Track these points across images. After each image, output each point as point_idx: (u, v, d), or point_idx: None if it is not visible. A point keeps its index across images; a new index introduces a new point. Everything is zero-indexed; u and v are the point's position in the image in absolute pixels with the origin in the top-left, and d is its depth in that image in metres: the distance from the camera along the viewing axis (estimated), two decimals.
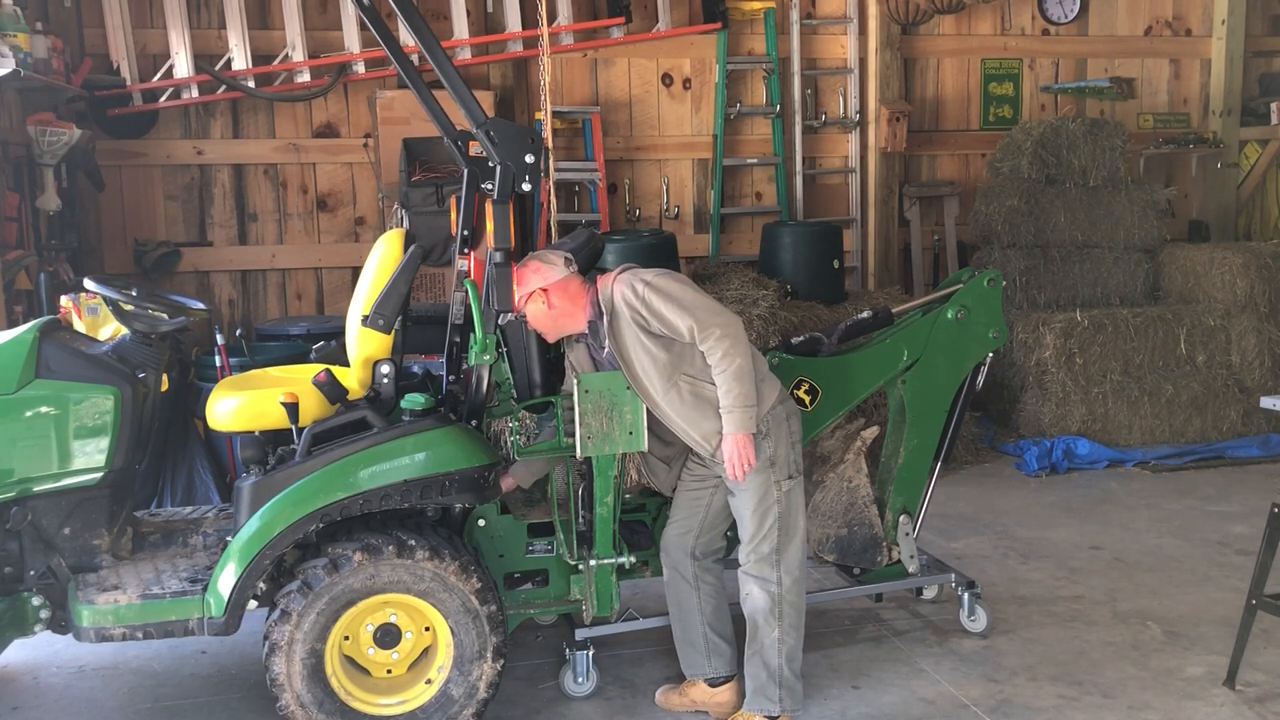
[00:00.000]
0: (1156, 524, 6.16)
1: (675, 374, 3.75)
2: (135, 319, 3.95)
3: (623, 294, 3.76)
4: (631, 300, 3.74)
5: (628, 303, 3.75)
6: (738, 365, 3.67)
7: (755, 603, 3.86)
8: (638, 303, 3.73)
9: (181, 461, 6.02)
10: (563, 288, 3.86)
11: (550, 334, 3.96)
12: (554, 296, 3.85)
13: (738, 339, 3.69)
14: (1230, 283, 7.78)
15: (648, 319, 3.73)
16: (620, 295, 3.77)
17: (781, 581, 3.84)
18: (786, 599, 3.84)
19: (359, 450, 3.73)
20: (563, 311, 3.87)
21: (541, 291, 3.84)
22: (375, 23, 3.95)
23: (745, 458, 3.72)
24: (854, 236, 8.69)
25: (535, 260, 3.88)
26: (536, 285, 3.84)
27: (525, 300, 3.86)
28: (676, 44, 8.17)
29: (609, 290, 3.81)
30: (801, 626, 3.90)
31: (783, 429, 3.86)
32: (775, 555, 3.83)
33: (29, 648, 4.57)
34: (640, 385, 3.79)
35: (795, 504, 3.88)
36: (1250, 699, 4.12)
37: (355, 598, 3.70)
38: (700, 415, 3.77)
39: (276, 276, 7.82)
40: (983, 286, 4.56)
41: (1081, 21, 9.01)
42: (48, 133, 6.20)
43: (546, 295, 3.84)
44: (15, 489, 3.72)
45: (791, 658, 3.87)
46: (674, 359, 3.75)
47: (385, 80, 7.58)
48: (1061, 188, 8.05)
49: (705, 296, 3.78)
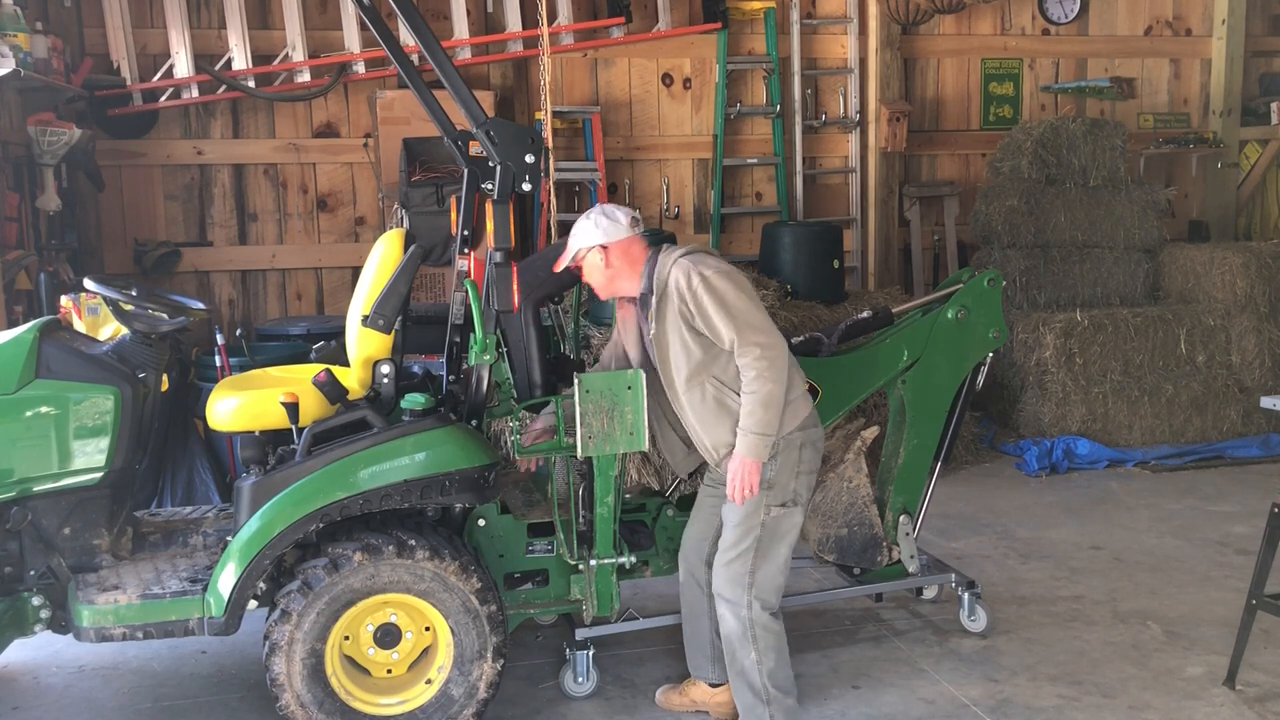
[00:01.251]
0: (1156, 524, 6.16)
1: (704, 374, 3.68)
2: (135, 319, 3.95)
3: (677, 280, 3.65)
4: (683, 290, 3.63)
5: (679, 290, 3.64)
6: (768, 391, 3.57)
7: (728, 626, 3.76)
8: (688, 294, 3.62)
9: (181, 461, 6.02)
10: (624, 249, 3.76)
11: (603, 292, 3.86)
12: (613, 256, 3.75)
13: (776, 363, 3.58)
14: (1230, 283, 7.78)
15: (693, 314, 3.63)
16: (675, 280, 3.66)
17: (751, 605, 3.70)
18: (758, 622, 3.71)
19: (359, 450, 3.73)
20: (619, 273, 3.77)
21: (601, 249, 3.74)
22: (375, 23, 3.95)
23: (748, 483, 3.62)
24: (854, 236, 8.69)
25: (602, 214, 3.77)
26: (598, 241, 3.74)
27: (585, 252, 3.76)
28: (676, 44, 8.17)
29: (667, 270, 3.70)
30: (781, 646, 3.76)
31: (792, 455, 3.72)
32: (748, 577, 3.70)
33: (29, 648, 4.57)
34: (667, 372, 3.74)
35: (781, 531, 3.73)
36: (1250, 699, 4.12)
37: (355, 598, 3.70)
38: (716, 422, 3.69)
39: (276, 276, 7.82)
40: (983, 286, 4.56)
41: (1081, 21, 9.02)
42: (48, 133, 6.20)
43: (606, 253, 3.74)
44: (15, 489, 3.72)
45: (774, 676, 3.74)
46: (708, 359, 3.67)
47: (385, 80, 7.58)
48: (1061, 188, 8.05)
49: (757, 309, 3.65)
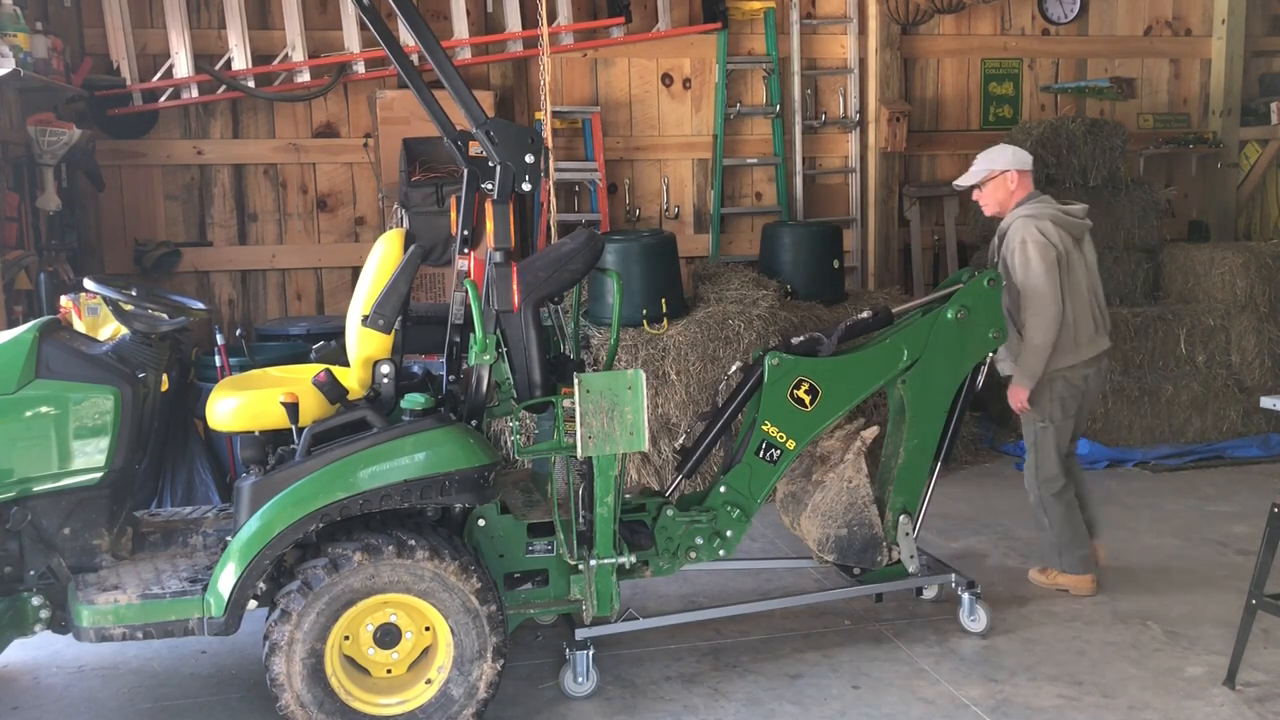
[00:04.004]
0: (1156, 524, 6.16)
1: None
2: (135, 319, 3.95)
3: (1016, 224, 4.81)
4: (1012, 237, 4.79)
5: (1010, 235, 4.82)
6: (1037, 343, 4.78)
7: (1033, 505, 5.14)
8: (1016, 242, 4.76)
9: (181, 461, 6.02)
10: (1024, 180, 4.95)
11: (993, 209, 4.99)
12: (1016, 183, 4.92)
13: (1046, 320, 4.74)
14: (1230, 283, 7.78)
15: (1007, 257, 4.79)
16: (1016, 224, 4.81)
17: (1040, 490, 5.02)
18: (1045, 504, 5.03)
19: (359, 450, 3.73)
20: (1013, 198, 4.93)
21: (1019, 174, 4.90)
22: (375, 23, 3.95)
23: (1017, 401, 4.93)
24: (854, 236, 8.69)
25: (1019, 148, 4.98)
26: (1018, 167, 4.91)
27: (998, 174, 4.90)
28: (676, 44, 8.17)
29: (1017, 215, 4.85)
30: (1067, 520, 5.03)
31: (1050, 387, 4.91)
32: (1033, 473, 5.04)
33: (29, 648, 4.57)
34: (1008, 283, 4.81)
35: (1045, 442, 4.97)
36: (1250, 699, 4.12)
37: (355, 598, 3.71)
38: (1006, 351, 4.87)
39: (276, 276, 7.82)
40: (983, 286, 4.56)
41: (1081, 21, 9.01)
42: (48, 133, 6.19)
43: (1021, 179, 4.92)
44: (15, 489, 3.72)
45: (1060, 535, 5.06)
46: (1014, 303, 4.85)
47: (385, 80, 7.58)
48: (1061, 188, 8.04)
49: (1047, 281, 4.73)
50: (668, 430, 6.55)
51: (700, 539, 4.39)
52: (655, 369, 6.45)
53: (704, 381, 6.49)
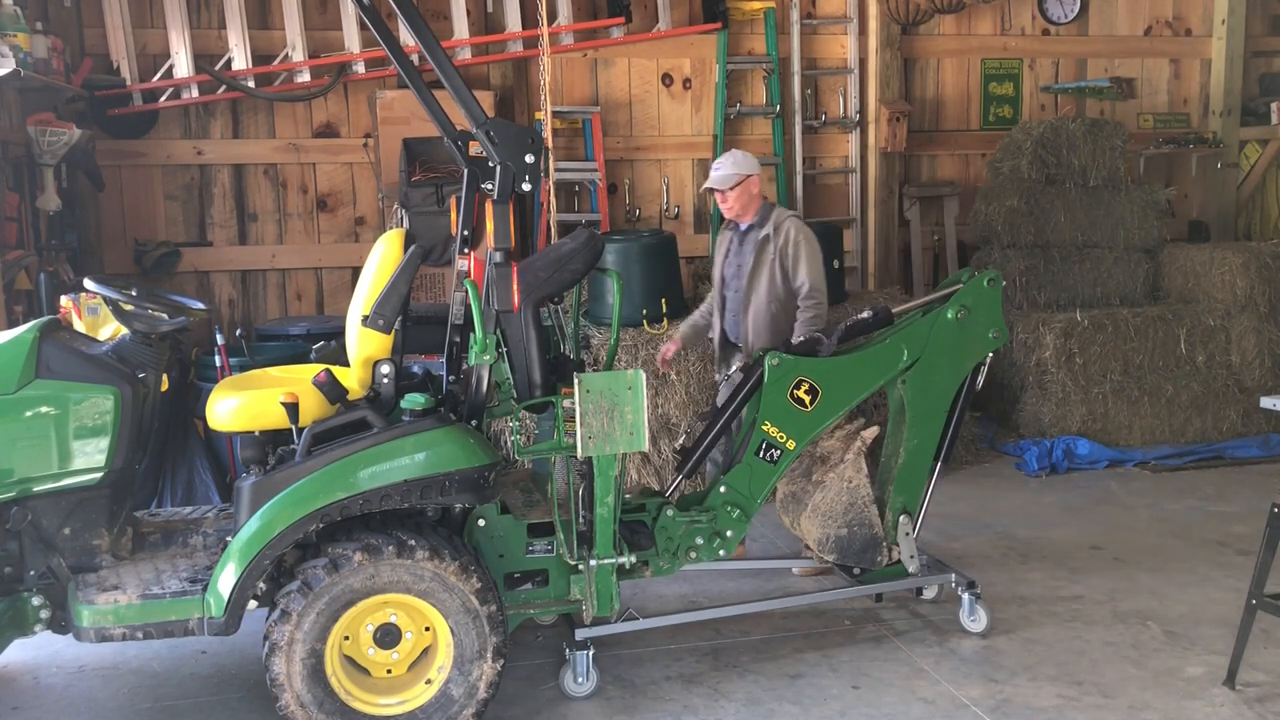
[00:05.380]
0: (1156, 524, 6.16)
1: (771, 299, 5.12)
2: (135, 319, 3.95)
3: (789, 227, 5.11)
4: (793, 236, 5.10)
5: (789, 234, 5.10)
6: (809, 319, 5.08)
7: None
8: (797, 239, 5.09)
9: (181, 461, 6.02)
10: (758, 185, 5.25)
11: (738, 213, 5.21)
12: (758, 187, 5.21)
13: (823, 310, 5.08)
14: (1230, 283, 7.79)
15: (790, 255, 5.09)
16: (789, 226, 5.12)
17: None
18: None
19: (359, 450, 3.73)
20: (754, 201, 5.21)
21: (757, 179, 5.20)
22: (375, 23, 3.95)
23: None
24: (854, 236, 8.69)
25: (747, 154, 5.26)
26: (757, 172, 5.21)
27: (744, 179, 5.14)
28: (676, 44, 8.17)
29: (783, 216, 5.16)
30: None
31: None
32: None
33: (29, 648, 4.57)
34: (747, 284, 5.16)
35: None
36: (1250, 699, 4.12)
37: (355, 598, 3.70)
38: (769, 333, 5.09)
39: (276, 276, 7.82)
40: (983, 286, 4.56)
41: (1081, 21, 9.01)
42: (48, 133, 6.19)
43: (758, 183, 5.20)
44: (15, 489, 3.72)
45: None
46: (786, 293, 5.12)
47: (385, 80, 7.58)
48: (1061, 188, 8.05)
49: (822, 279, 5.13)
50: (668, 430, 6.55)
51: (700, 539, 4.39)
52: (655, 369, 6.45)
53: (704, 382, 6.50)
